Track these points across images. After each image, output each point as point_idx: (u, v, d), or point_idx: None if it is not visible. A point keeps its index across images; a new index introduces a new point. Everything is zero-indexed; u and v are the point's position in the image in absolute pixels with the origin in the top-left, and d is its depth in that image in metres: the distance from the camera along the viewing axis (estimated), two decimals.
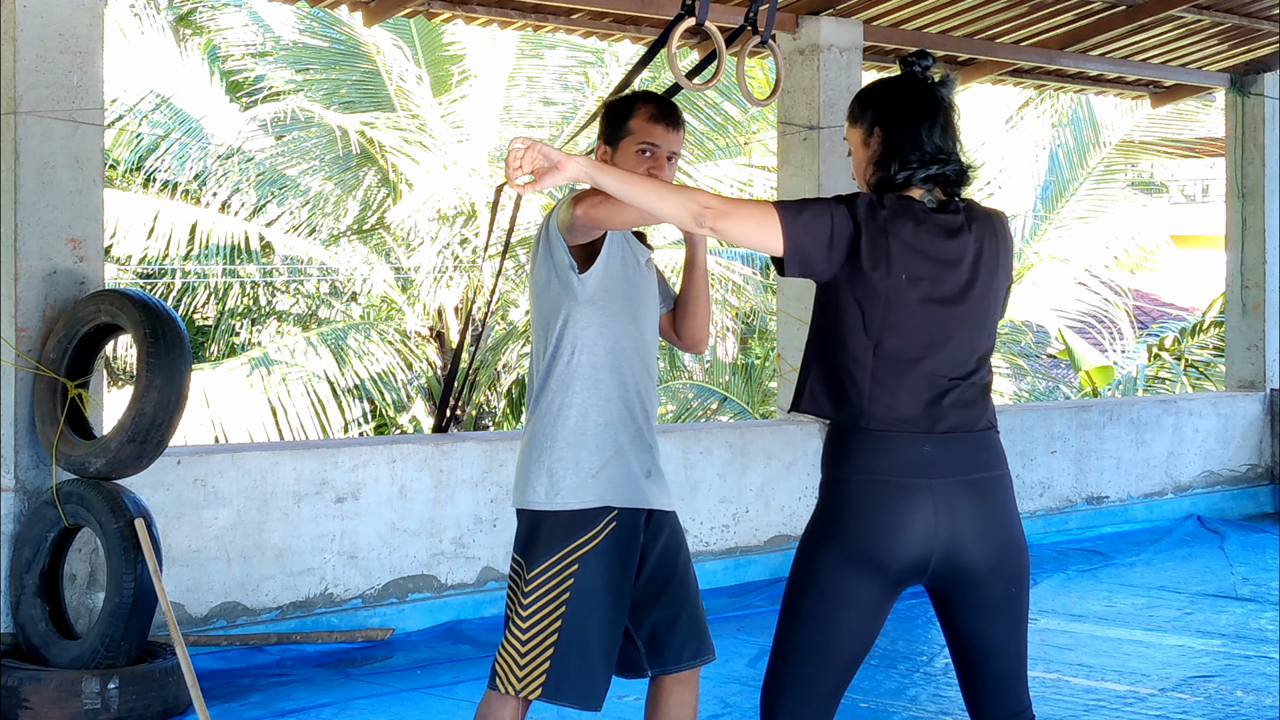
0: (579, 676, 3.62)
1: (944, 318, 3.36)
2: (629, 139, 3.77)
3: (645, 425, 3.82)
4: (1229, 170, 11.20)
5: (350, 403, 16.02)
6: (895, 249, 3.30)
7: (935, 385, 3.34)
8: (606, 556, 3.66)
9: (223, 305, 18.02)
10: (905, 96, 3.44)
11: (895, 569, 3.31)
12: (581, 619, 3.61)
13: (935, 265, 3.34)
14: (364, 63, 17.23)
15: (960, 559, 3.33)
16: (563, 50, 17.21)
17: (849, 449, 3.34)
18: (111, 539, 5.46)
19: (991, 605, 3.39)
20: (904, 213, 3.35)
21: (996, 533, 3.36)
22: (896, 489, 3.29)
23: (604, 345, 3.74)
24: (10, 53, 5.86)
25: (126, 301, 5.61)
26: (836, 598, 3.33)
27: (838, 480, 3.35)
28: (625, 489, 3.72)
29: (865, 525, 3.30)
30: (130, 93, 17.08)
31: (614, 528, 3.69)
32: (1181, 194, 28.22)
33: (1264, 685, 6.16)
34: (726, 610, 7.51)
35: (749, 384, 16.35)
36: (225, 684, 6.02)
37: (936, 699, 5.98)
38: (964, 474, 3.35)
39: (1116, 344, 19.07)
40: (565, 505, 3.67)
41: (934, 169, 3.38)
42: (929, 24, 9.22)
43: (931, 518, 3.29)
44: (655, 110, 3.80)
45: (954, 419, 3.36)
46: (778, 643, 3.41)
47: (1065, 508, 9.82)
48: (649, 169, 3.74)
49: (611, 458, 3.72)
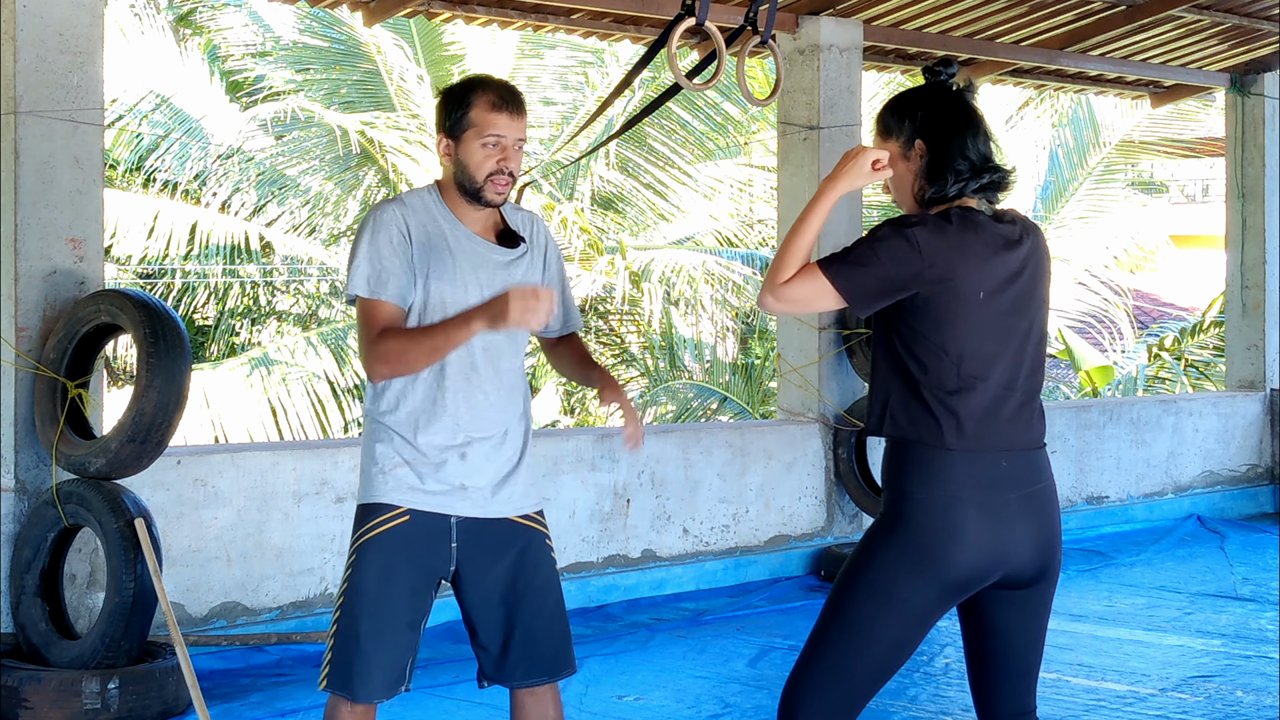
0: (350, 667, 3.54)
1: (1013, 331, 3.37)
2: (471, 131, 3.59)
3: (465, 432, 3.59)
4: (1229, 170, 11.20)
5: (350, 403, 16.02)
6: (969, 266, 3.30)
7: (1010, 401, 3.37)
8: (382, 550, 3.56)
9: (223, 305, 18.03)
10: (942, 107, 3.42)
11: (969, 582, 3.33)
12: (353, 610, 3.55)
13: (1003, 278, 3.35)
14: (364, 63, 17.24)
15: (1017, 567, 3.36)
16: (563, 50, 17.22)
17: (932, 468, 3.32)
18: (111, 539, 5.46)
19: (1031, 604, 3.44)
20: (970, 227, 3.33)
21: (1049, 541, 3.40)
22: (985, 507, 3.31)
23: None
24: (10, 53, 5.86)
25: (126, 301, 5.61)
26: (922, 621, 3.34)
27: (919, 499, 3.32)
28: (421, 492, 3.58)
29: (962, 547, 3.29)
30: (130, 93, 17.09)
31: (398, 523, 3.56)
32: (1181, 194, 28.22)
33: (1264, 685, 6.16)
34: (726, 610, 7.52)
35: (749, 384, 16.34)
36: (225, 684, 6.02)
37: (936, 699, 5.98)
38: (1028, 487, 3.37)
39: (1116, 344, 19.07)
40: (361, 499, 3.65)
41: (986, 178, 3.38)
42: (929, 24, 9.22)
43: (1003, 532, 3.32)
44: (496, 98, 3.60)
45: (1027, 436, 3.39)
46: (829, 656, 3.37)
47: (1065, 508, 9.82)
48: (498, 163, 3.59)
49: (408, 460, 3.58)
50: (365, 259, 3.56)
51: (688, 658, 6.65)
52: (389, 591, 3.57)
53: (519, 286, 3.43)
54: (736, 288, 16.81)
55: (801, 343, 8.63)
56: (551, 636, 3.68)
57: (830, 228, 8.35)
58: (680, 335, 16.94)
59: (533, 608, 3.65)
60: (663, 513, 7.89)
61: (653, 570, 7.84)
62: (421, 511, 3.59)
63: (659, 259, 16.54)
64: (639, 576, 7.78)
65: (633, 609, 7.53)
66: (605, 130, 16.10)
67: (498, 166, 3.59)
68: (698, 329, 17.27)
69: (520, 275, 3.67)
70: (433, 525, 3.60)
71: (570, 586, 7.48)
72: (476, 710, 5.61)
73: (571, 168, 16.21)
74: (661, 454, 7.90)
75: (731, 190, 17.55)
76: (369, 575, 3.57)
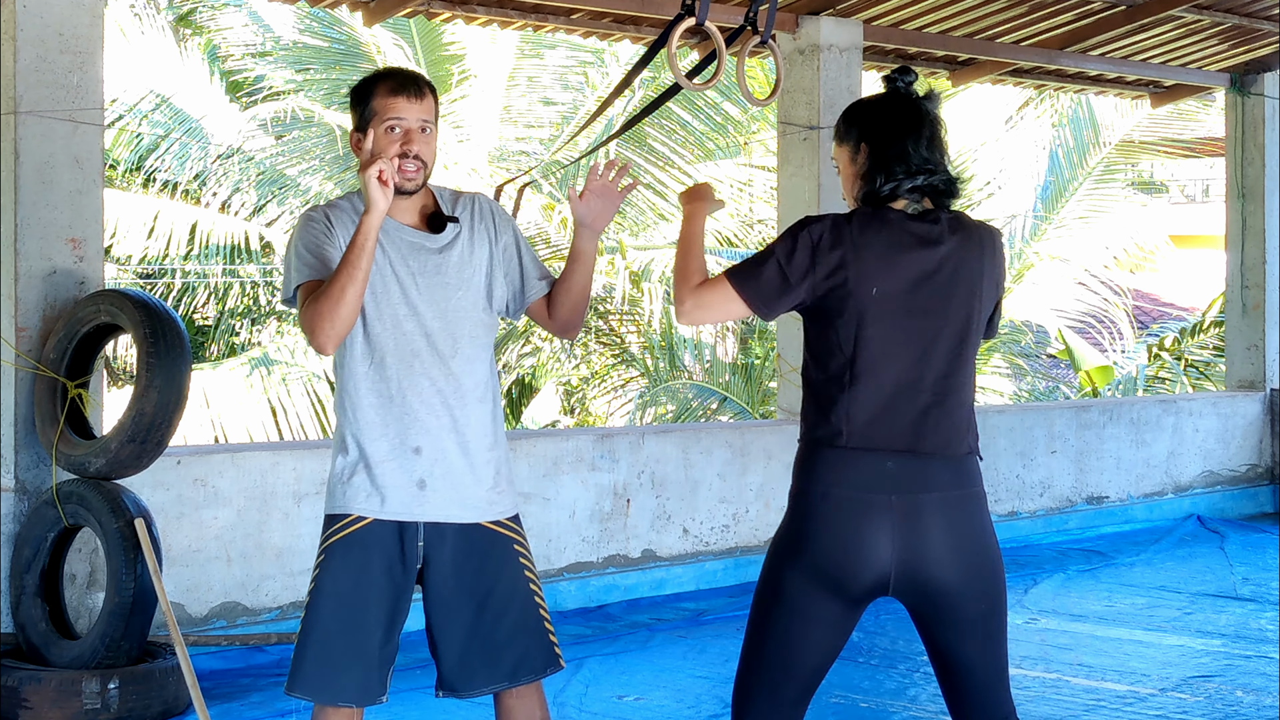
0: (312, 670, 3.51)
1: (920, 331, 3.33)
2: (375, 119, 3.56)
3: (416, 430, 3.55)
4: (1229, 170, 11.20)
5: None
6: (864, 264, 3.30)
7: (912, 403, 3.32)
8: (342, 556, 3.53)
9: (223, 305, 18.04)
10: (889, 112, 3.44)
11: (854, 586, 3.30)
12: (314, 616, 3.53)
13: (908, 277, 3.32)
14: (364, 63, 17.23)
15: (924, 576, 3.30)
16: (563, 50, 17.22)
17: (815, 463, 3.34)
18: (111, 539, 5.46)
19: (965, 623, 3.38)
20: (874, 224, 3.34)
21: (966, 551, 3.32)
22: (855, 505, 3.28)
23: (349, 354, 3.58)
24: (10, 53, 5.86)
25: (126, 301, 5.61)
26: (799, 612, 3.33)
27: (801, 493, 3.36)
28: (379, 499, 3.55)
29: (824, 541, 3.29)
30: (130, 93, 17.10)
31: (355, 530, 3.54)
32: (1181, 194, 28.22)
33: (1264, 685, 6.16)
34: (726, 610, 7.52)
35: (749, 384, 16.34)
36: (225, 684, 6.03)
37: (936, 699, 5.98)
38: (932, 491, 3.31)
39: (1116, 344, 19.06)
40: (326, 509, 3.62)
41: (920, 179, 3.37)
42: (929, 24, 9.22)
43: (889, 535, 3.27)
44: (394, 83, 3.58)
45: (935, 440, 3.32)
46: (744, 652, 3.43)
47: (1065, 508, 9.82)
48: (402, 146, 3.55)
49: (362, 467, 3.55)
50: (294, 255, 3.57)
51: (688, 658, 6.65)
52: (355, 592, 3.54)
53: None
54: None
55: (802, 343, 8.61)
56: (516, 642, 3.62)
57: None
58: (680, 335, 16.94)
59: (499, 613, 3.61)
60: (663, 513, 7.89)
61: (653, 570, 7.84)
62: (385, 521, 3.56)
63: (659, 259, 16.54)
64: (639, 576, 7.79)
65: (633, 609, 7.53)
66: (605, 130, 16.10)
67: (402, 150, 3.57)
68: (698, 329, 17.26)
69: (456, 256, 3.64)
70: (398, 531, 3.57)
71: (570, 586, 7.48)
72: (476, 710, 5.60)
73: (571, 168, 16.21)
74: (661, 454, 7.90)
75: (731, 190, 17.55)
76: (335, 576, 3.55)
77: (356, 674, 3.54)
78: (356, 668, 3.54)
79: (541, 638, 3.67)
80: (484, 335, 3.68)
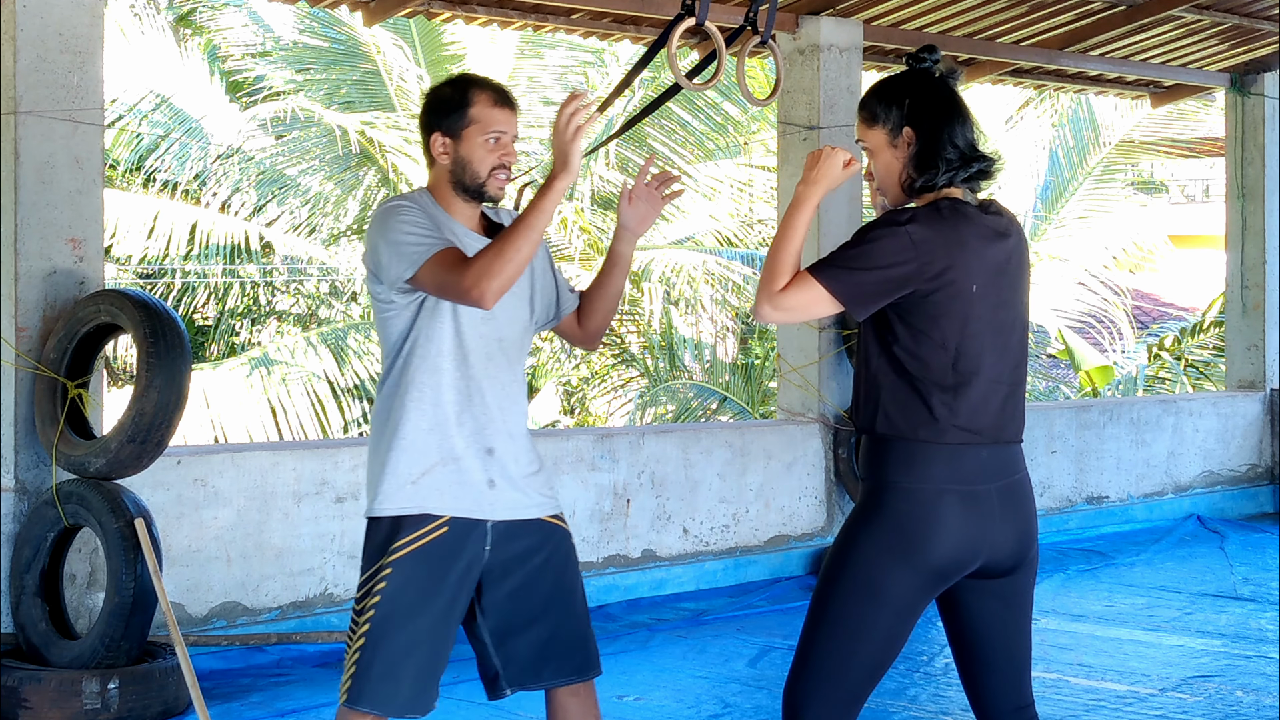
0: (380, 683, 3.50)
1: (1003, 323, 3.37)
2: (474, 128, 3.59)
3: (491, 430, 3.59)
4: (1229, 170, 11.20)
5: (350, 403, 16.03)
6: (964, 259, 3.29)
7: (998, 394, 3.37)
8: (420, 563, 3.52)
9: (223, 305, 18.04)
10: (929, 92, 3.39)
11: (949, 572, 3.33)
12: (386, 626, 3.50)
13: (993, 271, 3.34)
14: (364, 63, 17.25)
15: (996, 557, 3.37)
16: (563, 50, 17.22)
17: (924, 461, 3.31)
18: (111, 539, 5.46)
19: (1013, 595, 3.44)
20: (963, 219, 3.32)
21: (1027, 530, 3.41)
22: (968, 500, 3.31)
23: (431, 349, 3.58)
24: (10, 53, 5.86)
25: (126, 301, 5.61)
26: (907, 612, 3.33)
27: (910, 493, 3.31)
28: (452, 497, 3.55)
29: (943, 539, 3.30)
30: (130, 93, 17.10)
31: (437, 535, 3.53)
32: (1181, 194, 28.22)
33: (1264, 685, 6.16)
34: (726, 610, 7.52)
35: (749, 384, 16.35)
36: (225, 684, 6.03)
37: (936, 699, 5.98)
38: (1007, 478, 3.38)
39: (1116, 344, 19.06)
40: (386, 511, 3.56)
41: (975, 167, 3.36)
42: (929, 24, 9.22)
43: (984, 523, 3.32)
44: (496, 95, 3.63)
45: (1011, 429, 3.40)
46: (820, 652, 3.36)
47: (1065, 508, 9.82)
48: (501, 158, 3.62)
49: (437, 464, 3.55)
50: (405, 234, 3.51)
51: (688, 658, 6.65)
52: (426, 606, 3.53)
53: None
54: (736, 288, 16.81)
55: (801, 343, 8.63)
56: (586, 636, 3.69)
57: (829, 228, 8.35)
58: (680, 335, 16.95)
59: (566, 607, 3.66)
60: (663, 513, 7.89)
61: (653, 570, 7.84)
62: (460, 519, 3.55)
63: (659, 259, 16.54)
64: (639, 576, 7.78)
65: (633, 609, 7.53)
66: (605, 130, 16.10)
67: (500, 161, 3.63)
68: (698, 329, 17.28)
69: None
70: (469, 532, 3.57)
71: None
72: (476, 710, 5.61)
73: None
74: (661, 454, 7.90)
75: (731, 190, 17.56)
76: (406, 590, 3.52)
77: (423, 684, 3.55)
78: (424, 678, 3.55)
79: (594, 635, 3.75)
80: (528, 345, 3.77)
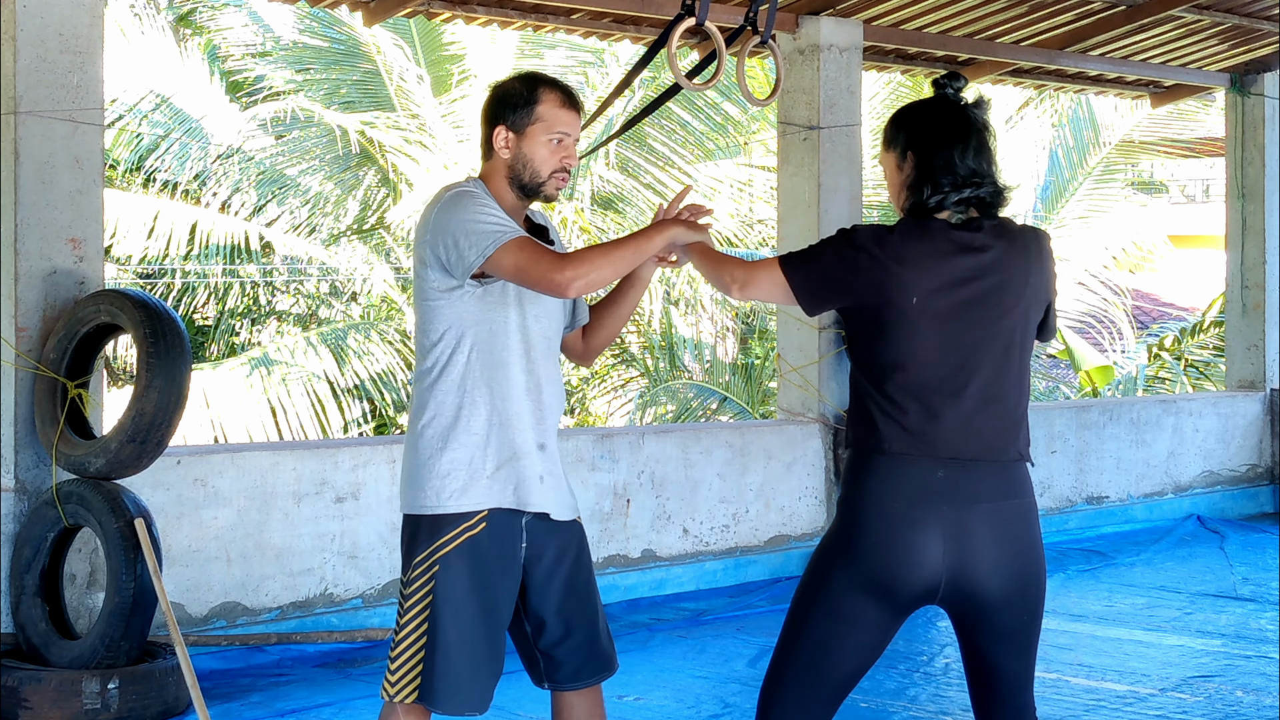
0: (444, 680, 3.52)
1: (965, 338, 3.33)
2: (539, 126, 3.62)
3: (546, 425, 3.64)
4: (1229, 170, 11.20)
5: (350, 403, 16.03)
6: (904, 274, 3.29)
7: (957, 409, 3.32)
8: (470, 557, 3.53)
9: (223, 305, 18.04)
10: (937, 119, 3.42)
11: (903, 595, 3.32)
12: (444, 622, 3.52)
13: (946, 283, 3.32)
14: (364, 63, 17.24)
15: (972, 587, 3.32)
16: (563, 50, 17.22)
17: (865, 471, 3.34)
18: (111, 539, 5.46)
19: (1005, 632, 3.41)
20: (915, 235, 3.33)
21: (1014, 562, 3.35)
22: (906, 516, 3.29)
23: (496, 342, 3.59)
24: (10, 53, 5.86)
25: (126, 301, 5.61)
26: (843, 616, 3.35)
27: (853, 501, 3.36)
28: (500, 491, 3.57)
29: (875, 550, 3.30)
30: (130, 93, 17.10)
31: (481, 529, 3.55)
32: (1181, 194, 28.22)
33: (1264, 685, 6.17)
34: (726, 610, 7.52)
35: (749, 384, 16.35)
36: (225, 684, 6.03)
37: (936, 699, 5.99)
38: (983, 501, 3.31)
39: (1116, 344, 19.07)
40: (432, 509, 3.56)
41: (967, 192, 3.37)
42: (929, 24, 9.22)
43: (940, 545, 3.28)
44: (564, 96, 3.67)
45: (979, 446, 3.32)
46: (779, 652, 3.43)
47: (1065, 508, 9.82)
48: (563, 160, 3.66)
49: (509, 460, 3.57)
50: (480, 221, 3.52)
51: (688, 658, 6.65)
52: (479, 601, 3.55)
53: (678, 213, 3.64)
54: None
55: (801, 343, 8.63)
56: (605, 635, 3.75)
57: (830, 228, 8.35)
58: (680, 335, 16.95)
59: (591, 608, 3.71)
60: (663, 513, 7.89)
61: (653, 570, 7.84)
62: (500, 510, 3.56)
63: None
64: (639, 576, 7.79)
65: (633, 609, 7.53)
66: (605, 130, 16.10)
67: (562, 163, 3.67)
68: (698, 329, 17.28)
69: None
70: (509, 527, 3.59)
71: None
72: None
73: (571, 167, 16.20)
74: (661, 454, 7.90)
75: (731, 190, 17.55)
76: (459, 585, 3.53)
77: (484, 681, 3.59)
78: (483, 675, 3.58)
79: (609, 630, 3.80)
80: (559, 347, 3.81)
